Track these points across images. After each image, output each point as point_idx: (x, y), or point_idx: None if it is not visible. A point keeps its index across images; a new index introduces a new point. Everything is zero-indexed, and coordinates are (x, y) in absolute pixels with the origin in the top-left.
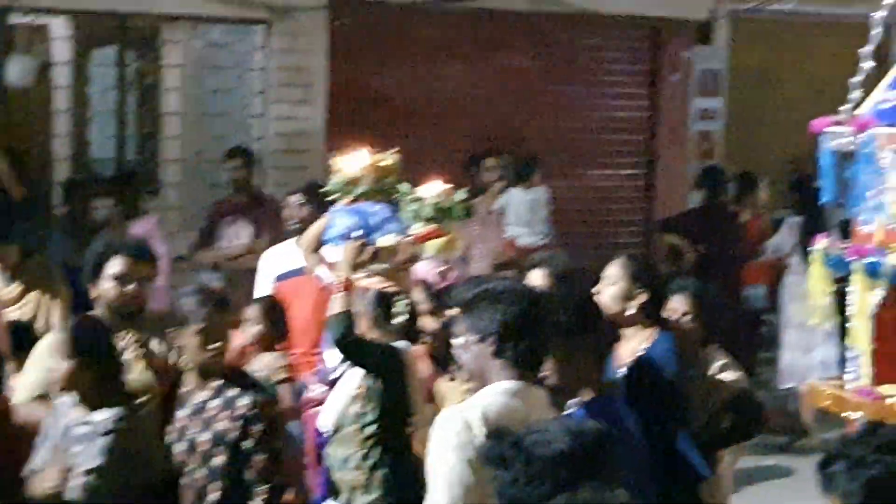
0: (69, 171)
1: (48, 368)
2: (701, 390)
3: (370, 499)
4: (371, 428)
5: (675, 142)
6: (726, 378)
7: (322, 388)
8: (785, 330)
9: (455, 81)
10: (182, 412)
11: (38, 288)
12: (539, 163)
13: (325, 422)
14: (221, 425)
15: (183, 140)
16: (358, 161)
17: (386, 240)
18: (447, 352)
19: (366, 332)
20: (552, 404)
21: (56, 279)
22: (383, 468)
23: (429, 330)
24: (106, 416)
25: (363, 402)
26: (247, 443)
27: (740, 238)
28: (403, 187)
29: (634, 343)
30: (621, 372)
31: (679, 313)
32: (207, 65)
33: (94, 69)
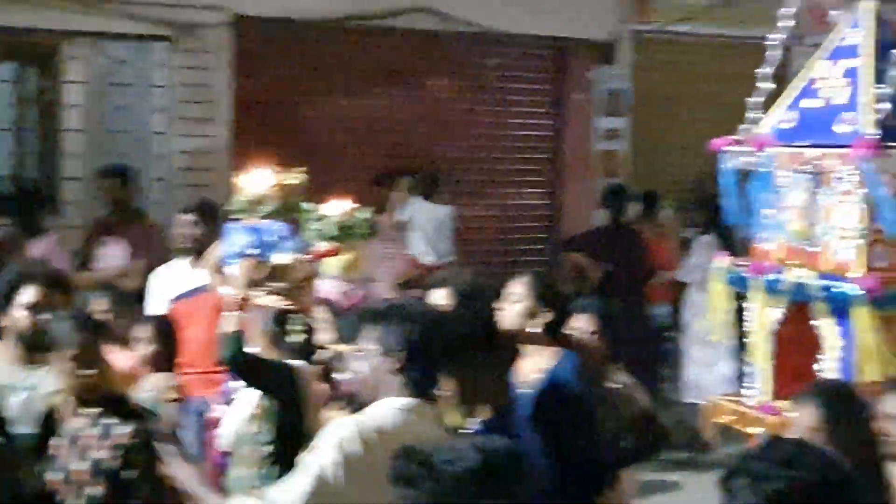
0: None
1: None
2: (604, 409)
3: None
4: (268, 448)
5: (580, 161)
6: (630, 397)
7: (224, 409)
8: (688, 346)
9: (362, 100)
10: (56, 440)
11: None
12: (445, 181)
13: (224, 442)
14: (99, 454)
15: (84, 157)
16: (262, 180)
17: (282, 257)
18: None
19: (263, 351)
20: (444, 422)
21: None
22: None
23: (329, 349)
24: None
25: (259, 423)
26: (127, 473)
27: (644, 256)
28: (307, 206)
29: (537, 361)
30: (523, 390)
31: (583, 332)
32: (110, 81)
33: None
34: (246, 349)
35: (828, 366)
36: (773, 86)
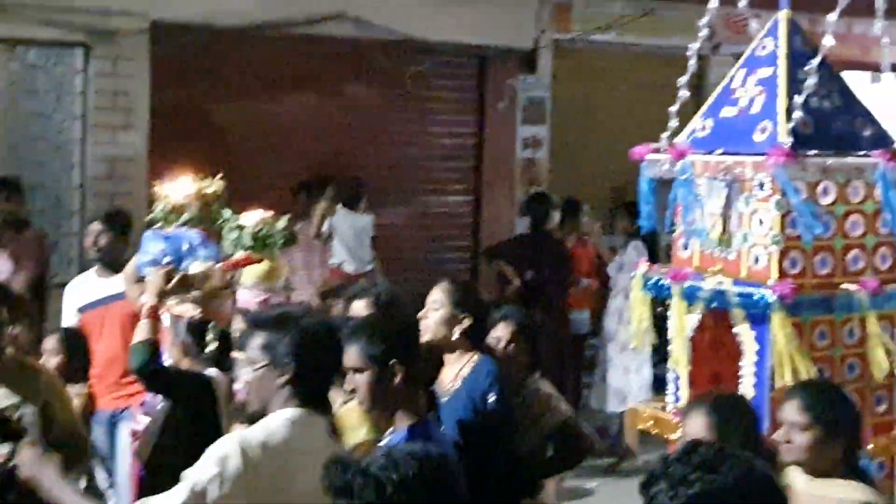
0: None
1: None
2: (525, 419)
3: None
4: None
5: (502, 169)
6: (551, 406)
7: (147, 420)
8: (609, 353)
9: (283, 107)
10: None
11: None
12: (366, 189)
13: (143, 453)
14: None
15: None
16: (182, 188)
17: (197, 266)
18: None
19: (177, 361)
20: (334, 434)
21: None
22: None
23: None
24: None
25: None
26: (10, 495)
27: (565, 264)
28: (226, 214)
29: (457, 367)
30: (442, 398)
31: (503, 341)
32: (24, 88)
33: None
34: (158, 359)
35: (746, 371)
36: (691, 94)
